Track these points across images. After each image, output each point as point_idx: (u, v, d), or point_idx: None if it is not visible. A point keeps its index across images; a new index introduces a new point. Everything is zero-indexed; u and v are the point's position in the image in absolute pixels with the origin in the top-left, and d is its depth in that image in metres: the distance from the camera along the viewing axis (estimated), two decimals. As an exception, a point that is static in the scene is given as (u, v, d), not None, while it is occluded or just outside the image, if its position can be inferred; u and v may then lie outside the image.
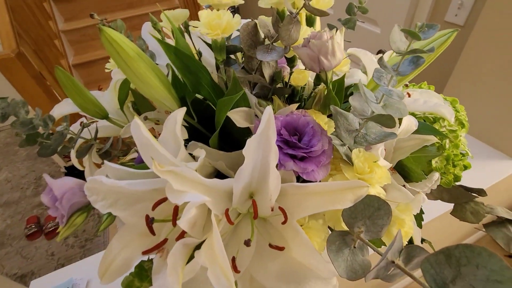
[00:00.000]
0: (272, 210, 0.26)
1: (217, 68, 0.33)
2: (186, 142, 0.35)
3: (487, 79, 0.85)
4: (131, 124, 0.25)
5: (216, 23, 0.27)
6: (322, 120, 0.29)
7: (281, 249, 0.26)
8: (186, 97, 0.35)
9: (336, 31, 0.28)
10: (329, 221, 0.28)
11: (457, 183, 0.41)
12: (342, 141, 0.28)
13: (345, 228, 0.26)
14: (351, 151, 0.29)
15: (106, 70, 0.48)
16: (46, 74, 1.66)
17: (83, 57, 2.18)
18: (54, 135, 0.37)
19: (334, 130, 0.28)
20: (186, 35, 0.40)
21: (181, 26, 0.37)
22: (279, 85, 0.36)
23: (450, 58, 0.99)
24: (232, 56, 0.38)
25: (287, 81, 0.38)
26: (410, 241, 0.36)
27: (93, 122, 0.45)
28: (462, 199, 0.38)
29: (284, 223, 0.26)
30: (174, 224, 0.26)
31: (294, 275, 0.28)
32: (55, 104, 0.43)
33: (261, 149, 0.24)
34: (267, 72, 0.31)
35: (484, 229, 0.37)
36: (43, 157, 0.35)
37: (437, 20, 1.15)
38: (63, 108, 0.40)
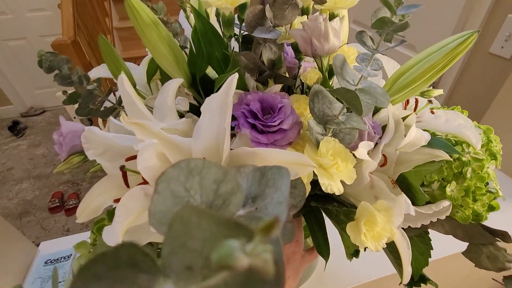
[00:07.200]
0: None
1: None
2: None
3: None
4: (118, 78, 0.27)
5: (225, -5, 0.28)
6: (305, 103, 0.28)
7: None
8: (196, 74, 0.37)
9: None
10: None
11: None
12: (318, 124, 0.27)
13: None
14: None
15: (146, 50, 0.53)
16: (94, 63, 1.79)
17: (129, 53, 2.41)
18: (85, 93, 0.43)
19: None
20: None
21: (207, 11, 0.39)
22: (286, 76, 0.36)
23: (492, 92, 0.88)
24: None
25: (299, 76, 0.38)
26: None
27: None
28: (479, 240, 0.32)
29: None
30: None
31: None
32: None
33: (222, 110, 0.23)
34: (266, 54, 0.31)
35: (502, 282, 0.30)
36: (80, 116, 0.40)
37: (482, 51, 1.03)
38: (99, 71, 0.45)
